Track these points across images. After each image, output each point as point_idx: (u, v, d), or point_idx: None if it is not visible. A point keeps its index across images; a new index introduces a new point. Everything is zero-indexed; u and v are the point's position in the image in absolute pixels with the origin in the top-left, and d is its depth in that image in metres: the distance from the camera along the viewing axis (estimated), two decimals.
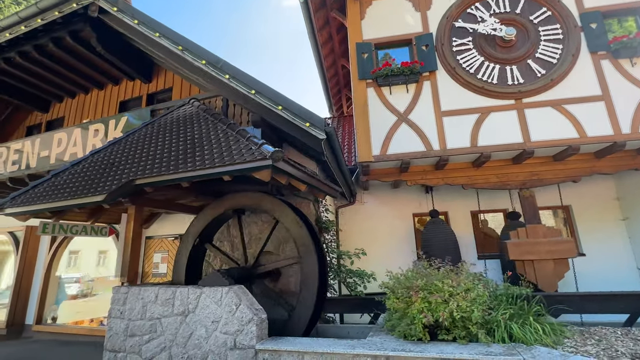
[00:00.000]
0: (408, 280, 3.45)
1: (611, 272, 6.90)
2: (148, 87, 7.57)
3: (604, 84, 6.07)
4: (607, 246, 7.29)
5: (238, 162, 3.22)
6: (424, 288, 3.21)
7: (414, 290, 3.21)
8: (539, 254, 6.04)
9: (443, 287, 3.14)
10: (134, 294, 4.00)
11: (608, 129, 5.87)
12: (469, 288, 3.13)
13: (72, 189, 4.08)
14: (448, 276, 3.32)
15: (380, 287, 3.78)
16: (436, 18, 7.06)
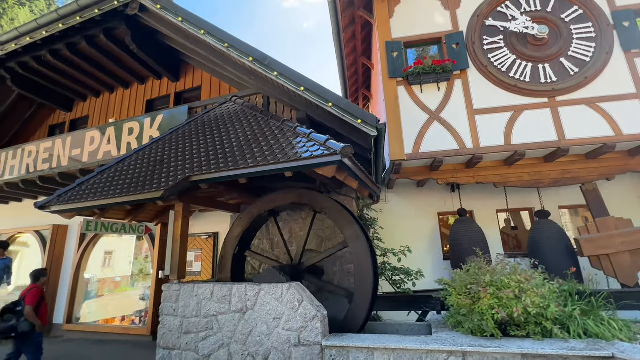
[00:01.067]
0: (471, 277, 3.44)
1: None
2: (176, 85, 7.57)
3: (636, 81, 6.08)
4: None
5: (305, 157, 3.21)
6: (491, 284, 3.20)
7: (482, 286, 3.20)
8: (614, 247, 5.85)
9: (510, 283, 3.13)
10: (187, 291, 3.99)
11: None
12: (540, 284, 3.12)
13: (124, 186, 4.07)
14: (515, 272, 3.31)
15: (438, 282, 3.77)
16: (466, 17, 7.06)
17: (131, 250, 7.67)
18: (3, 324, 4.01)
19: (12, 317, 4.05)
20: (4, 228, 8.51)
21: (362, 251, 3.93)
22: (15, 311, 4.09)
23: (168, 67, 7.28)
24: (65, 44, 6.44)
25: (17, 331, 4.03)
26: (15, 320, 4.03)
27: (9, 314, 4.07)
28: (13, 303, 4.18)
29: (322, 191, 4.46)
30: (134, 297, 7.00)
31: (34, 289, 4.30)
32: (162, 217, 6.15)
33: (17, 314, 4.08)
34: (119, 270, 7.61)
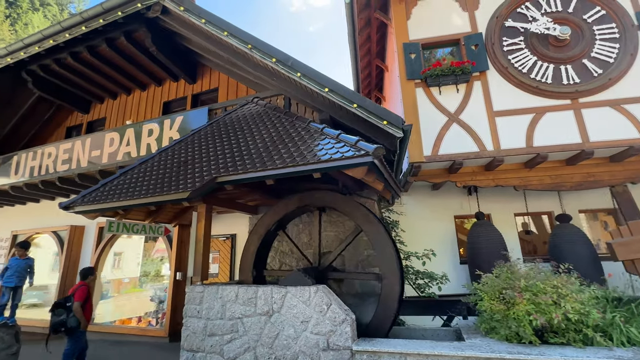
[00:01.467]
0: (504, 281, 3.35)
1: None
2: (193, 87, 7.61)
3: None
4: None
5: (336, 158, 3.17)
6: (526, 289, 3.12)
7: (517, 291, 3.12)
8: None
9: (546, 289, 3.04)
10: (211, 293, 3.96)
11: None
12: (578, 289, 3.03)
13: (149, 187, 4.07)
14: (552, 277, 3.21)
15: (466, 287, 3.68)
16: (485, 18, 7.00)
17: (139, 251, 7.67)
18: (54, 318, 4.16)
19: (63, 312, 4.21)
20: (22, 228, 8.61)
21: (389, 254, 3.86)
22: (66, 306, 4.24)
23: (185, 69, 7.33)
24: (85, 46, 6.52)
25: (67, 326, 4.16)
26: (65, 315, 4.18)
27: (60, 308, 4.22)
28: (64, 298, 4.33)
29: (344, 193, 4.40)
30: (145, 298, 7.00)
31: (82, 287, 4.45)
32: (180, 218, 6.17)
33: (68, 310, 4.22)
34: (128, 272, 7.63)
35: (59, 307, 4.24)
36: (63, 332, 4.20)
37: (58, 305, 4.25)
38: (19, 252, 5.20)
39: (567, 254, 6.47)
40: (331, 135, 3.54)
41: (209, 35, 5.11)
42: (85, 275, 4.59)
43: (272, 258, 5.39)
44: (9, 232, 8.67)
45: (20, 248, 5.24)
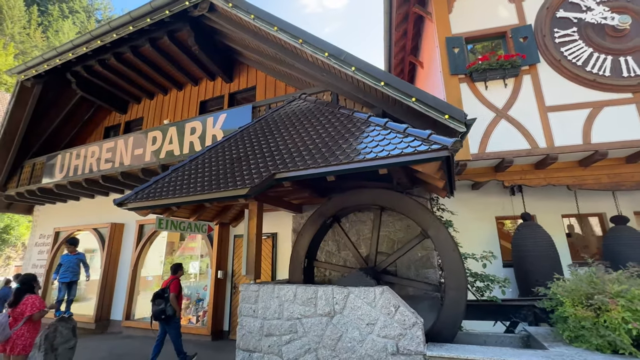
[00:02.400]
0: (590, 286, 3.10)
1: None
2: (229, 86, 7.61)
3: None
4: None
5: (407, 153, 3.00)
6: (619, 295, 2.86)
7: (609, 297, 2.86)
8: None
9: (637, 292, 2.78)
10: (266, 292, 3.87)
11: None
12: None
13: (203, 184, 4.03)
14: None
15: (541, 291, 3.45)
16: (533, 9, 6.67)
17: (162, 249, 7.69)
18: (155, 307, 4.69)
19: (162, 302, 4.74)
20: (64, 225, 8.86)
21: (456, 259, 3.67)
22: (164, 297, 4.77)
23: (223, 67, 7.34)
24: (129, 46, 6.62)
25: (165, 314, 4.71)
26: (164, 305, 4.71)
27: (159, 299, 4.75)
28: (162, 290, 4.84)
29: (399, 191, 4.23)
30: None
31: (175, 280, 4.95)
32: (221, 217, 6.15)
33: (165, 300, 4.76)
34: (151, 270, 7.70)
35: (158, 297, 4.75)
36: (163, 319, 4.73)
37: (157, 296, 4.77)
38: (69, 249, 5.31)
39: (624, 257, 6.05)
40: (397, 130, 3.38)
41: (257, 31, 5.06)
42: (175, 270, 5.05)
43: (317, 257, 5.27)
44: (52, 229, 8.94)
45: (69, 245, 5.35)
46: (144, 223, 7.52)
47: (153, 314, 4.70)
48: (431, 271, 4.60)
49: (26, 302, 3.91)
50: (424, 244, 4.76)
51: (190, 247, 7.75)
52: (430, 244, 4.83)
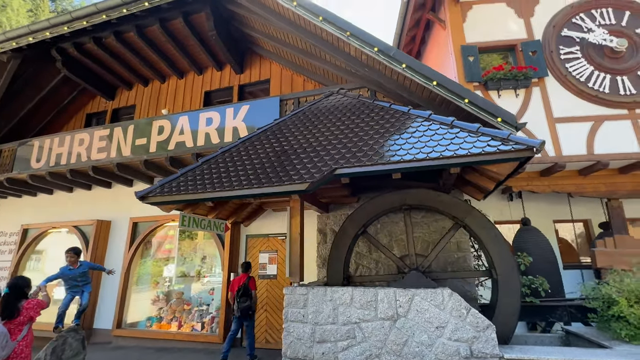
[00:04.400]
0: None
1: None
2: (239, 77, 7.20)
3: None
4: None
5: (489, 152, 2.96)
6: None
7: None
8: (627, 265, 5.96)
9: None
10: (317, 296, 3.62)
11: None
12: None
13: (248, 177, 3.70)
14: None
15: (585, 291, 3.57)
16: (540, 26, 7.08)
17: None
18: (242, 304, 4.87)
19: (247, 299, 4.93)
20: (34, 222, 7.76)
21: (508, 258, 3.70)
22: (248, 294, 4.97)
23: (235, 57, 6.92)
24: (135, 25, 6.00)
25: (252, 310, 5.02)
26: (249, 302, 4.93)
27: (245, 296, 4.93)
28: (244, 287, 4.97)
29: (448, 191, 4.20)
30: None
31: (252, 278, 5.17)
32: (236, 215, 5.75)
33: (249, 297, 4.97)
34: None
35: (244, 295, 4.92)
36: (250, 314, 4.97)
37: (243, 294, 4.92)
38: (71, 259, 4.52)
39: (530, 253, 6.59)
40: (469, 129, 3.34)
41: (294, 20, 4.79)
42: (247, 268, 5.20)
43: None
44: (19, 226, 7.80)
45: (73, 254, 4.55)
46: (139, 221, 6.80)
47: (240, 310, 4.85)
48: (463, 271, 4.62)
49: (28, 306, 3.29)
50: (460, 245, 4.79)
51: (167, 250, 7.16)
52: (466, 245, 4.87)
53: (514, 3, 7.28)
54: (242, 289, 4.94)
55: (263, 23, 5.57)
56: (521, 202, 8.03)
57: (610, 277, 3.83)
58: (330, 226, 5.32)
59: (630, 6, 6.80)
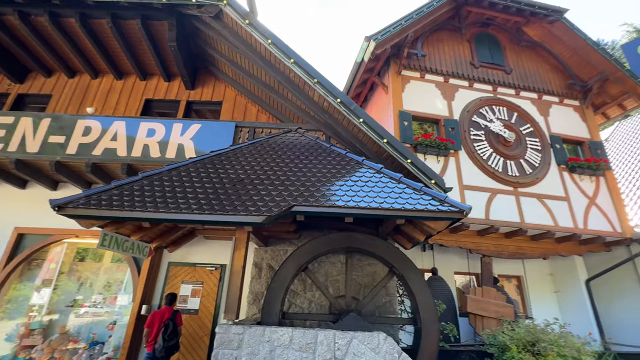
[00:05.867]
0: (529, 335, 3.99)
1: None
2: (189, 93, 6.90)
3: (566, 189, 8.33)
4: (546, 313, 9.23)
5: (430, 210, 3.43)
6: (552, 343, 3.79)
7: (545, 345, 3.76)
8: (488, 312, 7.30)
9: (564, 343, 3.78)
10: (254, 336, 3.43)
11: (570, 222, 7.94)
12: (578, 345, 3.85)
13: (199, 202, 3.49)
14: (563, 335, 3.99)
15: (488, 338, 4.18)
16: (458, 108, 8.69)
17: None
18: (167, 343, 4.41)
19: (174, 337, 4.51)
20: None
21: (431, 305, 4.14)
22: (176, 331, 4.60)
23: (188, 71, 6.66)
24: (80, 13, 5.38)
25: (177, 349, 4.64)
26: (176, 339, 4.58)
27: (172, 333, 4.50)
28: (173, 324, 4.57)
29: (385, 238, 4.60)
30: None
31: (178, 312, 4.78)
32: (162, 239, 5.19)
33: (177, 335, 4.61)
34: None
35: (172, 332, 4.50)
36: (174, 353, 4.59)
37: (171, 331, 4.49)
38: None
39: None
40: (413, 187, 3.81)
41: (264, 54, 4.95)
42: (172, 301, 4.76)
43: None
44: None
45: None
46: (27, 232, 5.50)
47: (166, 349, 4.39)
48: (392, 317, 4.95)
49: None
50: (388, 290, 5.15)
51: (52, 270, 5.99)
52: (393, 290, 5.26)
53: (441, 86, 8.83)
54: (170, 325, 4.47)
55: (230, 49, 5.59)
56: (432, 254, 9.13)
57: (504, 326, 4.56)
58: (267, 261, 5.19)
59: (518, 110, 8.87)
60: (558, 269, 9.70)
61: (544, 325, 4.32)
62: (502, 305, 7.35)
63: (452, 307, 7.89)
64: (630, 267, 8.57)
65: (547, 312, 8.90)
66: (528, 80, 9.39)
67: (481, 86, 9.11)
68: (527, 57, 9.68)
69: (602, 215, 8.15)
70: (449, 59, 9.18)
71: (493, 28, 9.72)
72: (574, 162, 8.52)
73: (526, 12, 8.91)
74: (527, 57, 9.68)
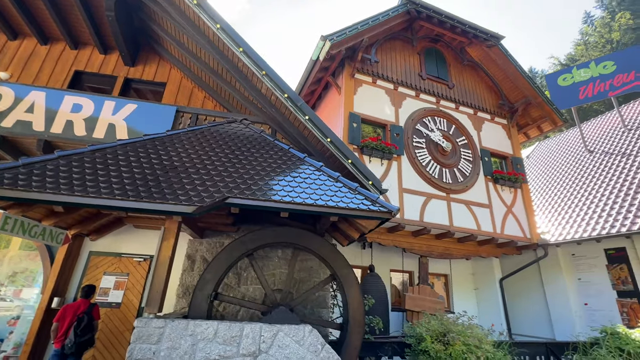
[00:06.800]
0: (442, 327, 4.41)
1: None
2: (129, 70, 6.37)
3: (489, 197, 9.31)
4: (466, 308, 10.26)
5: (362, 209, 3.61)
6: (459, 333, 4.24)
7: (454, 335, 4.19)
8: (423, 308, 8.04)
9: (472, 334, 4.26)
10: (177, 329, 3.32)
11: (490, 227, 8.90)
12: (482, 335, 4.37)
13: (125, 187, 3.27)
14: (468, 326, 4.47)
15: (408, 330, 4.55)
16: (404, 116, 9.21)
17: None
18: (79, 338, 4.07)
19: (89, 332, 4.19)
20: None
21: (359, 302, 4.36)
22: (92, 325, 4.25)
23: (128, 46, 6.14)
24: None
25: (92, 345, 4.31)
26: (92, 334, 4.24)
27: (87, 327, 4.17)
28: (88, 318, 4.22)
29: (322, 234, 4.73)
30: None
31: (96, 305, 4.39)
32: (83, 226, 4.75)
33: (92, 330, 4.26)
34: None
35: (87, 327, 4.17)
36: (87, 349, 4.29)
37: (85, 325, 4.15)
38: None
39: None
40: (349, 186, 3.96)
41: (212, 40, 4.75)
42: (89, 293, 4.39)
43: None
44: None
45: None
46: None
47: (77, 345, 4.04)
48: (324, 311, 5.12)
49: None
50: None
51: None
52: (328, 286, 5.42)
53: (391, 93, 9.27)
54: (84, 319, 4.11)
55: (177, 29, 5.26)
56: (371, 252, 9.57)
57: (423, 319, 4.97)
58: (202, 253, 5.02)
59: (456, 122, 9.64)
60: (478, 268, 10.78)
61: (455, 318, 4.80)
62: (436, 302, 8.00)
63: (385, 302, 8.39)
64: (535, 268, 9.87)
65: (467, 307, 9.86)
66: (467, 97, 10.26)
67: (426, 97, 9.75)
68: (468, 76, 10.58)
69: (516, 223, 9.25)
70: (400, 68, 9.67)
71: (441, 44, 10.44)
72: (498, 174, 9.51)
73: (470, 34, 9.71)
74: (468, 75, 10.57)
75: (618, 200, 8.70)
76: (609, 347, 5.09)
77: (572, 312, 8.83)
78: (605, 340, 5.24)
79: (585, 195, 10.18)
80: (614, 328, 5.40)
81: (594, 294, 8.69)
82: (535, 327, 9.80)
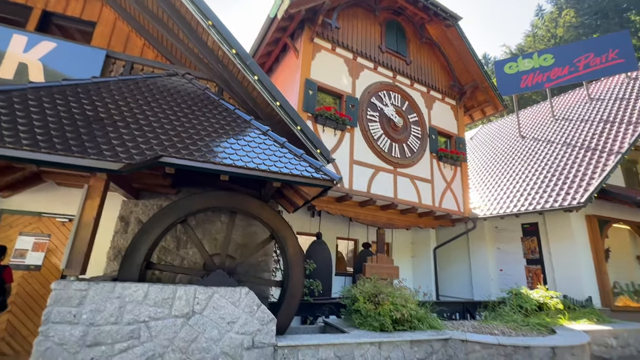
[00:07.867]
0: (374, 289, 4.76)
1: None
2: (48, 1, 5.41)
3: (432, 173, 9.93)
4: (404, 274, 11.22)
5: (306, 176, 3.61)
6: (389, 294, 4.63)
7: (384, 296, 4.56)
8: (381, 275, 8.71)
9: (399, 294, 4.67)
10: (102, 292, 3.15)
11: (430, 201, 9.58)
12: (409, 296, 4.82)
13: (36, 137, 2.88)
14: (398, 288, 4.88)
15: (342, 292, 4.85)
16: (361, 88, 9.21)
17: None
18: None
19: (1, 295, 3.96)
20: None
21: (300, 263, 4.50)
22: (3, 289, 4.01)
23: None
24: None
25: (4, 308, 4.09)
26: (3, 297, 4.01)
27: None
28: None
29: (267, 200, 4.70)
30: None
31: (8, 268, 4.07)
32: None
33: (4, 292, 4.03)
34: None
35: None
36: None
37: None
38: None
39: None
40: (295, 153, 3.90)
41: None
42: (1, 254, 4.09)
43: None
44: None
45: None
46: None
47: None
48: (266, 274, 5.21)
49: None
50: (266, 250, 5.34)
51: None
52: (270, 251, 5.48)
53: (349, 63, 9.13)
54: None
55: None
56: (319, 220, 9.82)
57: (358, 282, 5.31)
58: (137, 215, 4.73)
59: (409, 99, 9.88)
60: (417, 238, 11.69)
61: (387, 282, 5.20)
62: (391, 268, 8.51)
63: (329, 267, 8.81)
64: (465, 239, 10.97)
65: (404, 274, 10.74)
66: (422, 74, 10.50)
67: (384, 71, 9.79)
68: (425, 53, 10.76)
69: (453, 198, 10.05)
70: (361, 37, 9.50)
71: (403, 18, 10.38)
72: (442, 152, 10.10)
73: (431, 10, 9.74)
74: (425, 53, 10.75)
75: (538, 182, 9.83)
76: (512, 305, 5.95)
77: (490, 277, 10.10)
78: (510, 299, 6.10)
79: (513, 176, 11.32)
80: (518, 289, 6.29)
81: (509, 261, 9.98)
82: (460, 289, 11.08)
